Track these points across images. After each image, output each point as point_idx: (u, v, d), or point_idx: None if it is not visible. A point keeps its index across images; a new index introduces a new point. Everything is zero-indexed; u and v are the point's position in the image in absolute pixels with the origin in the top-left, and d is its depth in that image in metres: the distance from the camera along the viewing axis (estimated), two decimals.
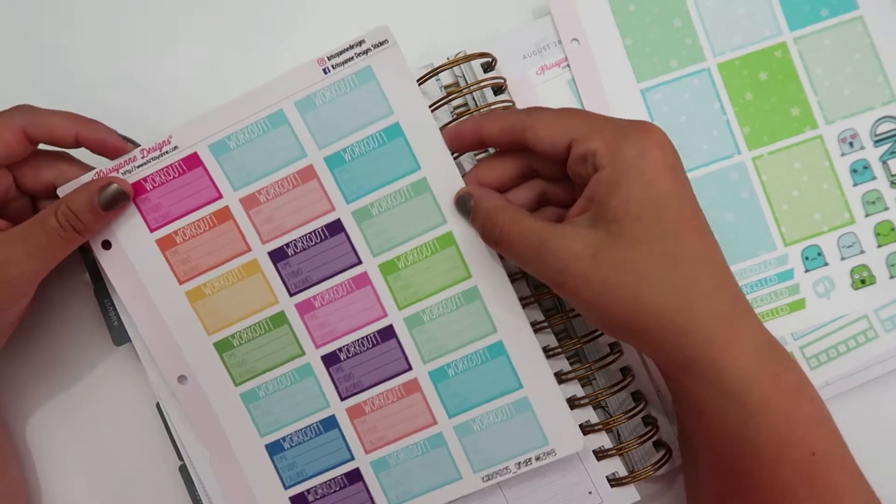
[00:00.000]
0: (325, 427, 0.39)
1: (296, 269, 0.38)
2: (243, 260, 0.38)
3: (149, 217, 0.37)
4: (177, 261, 0.38)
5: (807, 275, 0.41)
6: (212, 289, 0.38)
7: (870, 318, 0.41)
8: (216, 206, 0.37)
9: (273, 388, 0.38)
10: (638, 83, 0.42)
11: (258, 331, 0.38)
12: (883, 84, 0.42)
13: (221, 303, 0.38)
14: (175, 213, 0.37)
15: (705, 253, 0.32)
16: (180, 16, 0.44)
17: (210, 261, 0.38)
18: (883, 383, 0.41)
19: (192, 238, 0.37)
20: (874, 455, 0.41)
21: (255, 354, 0.38)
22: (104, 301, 0.40)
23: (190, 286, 0.38)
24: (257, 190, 0.37)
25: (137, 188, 0.37)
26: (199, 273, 0.38)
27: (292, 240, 0.37)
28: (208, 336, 0.38)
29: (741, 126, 0.42)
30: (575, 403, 0.39)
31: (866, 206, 0.42)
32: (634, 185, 0.32)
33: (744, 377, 0.31)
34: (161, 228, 0.37)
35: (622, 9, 0.42)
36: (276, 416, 0.39)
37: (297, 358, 0.38)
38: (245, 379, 0.38)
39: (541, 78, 0.41)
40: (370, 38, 0.35)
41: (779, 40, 0.42)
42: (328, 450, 0.39)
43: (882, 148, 0.42)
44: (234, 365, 0.38)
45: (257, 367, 0.38)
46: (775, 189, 0.41)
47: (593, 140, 0.33)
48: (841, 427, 0.41)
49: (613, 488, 0.39)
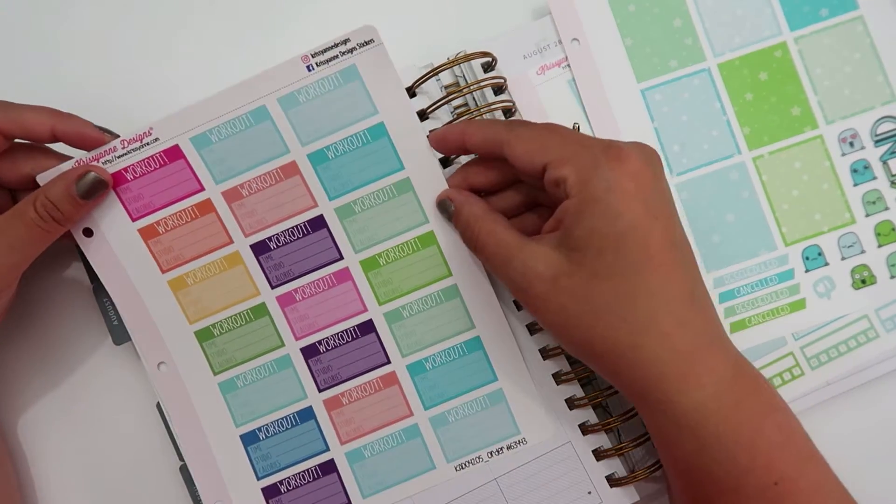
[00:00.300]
0: (301, 418, 0.39)
1: (277, 263, 0.38)
2: (225, 252, 0.38)
3: (130, 207, 0.38)
4: (159, 250, 0.38)
5: (807, 275, 0.41)
6: (194, 279, 0.38)
7: (870, 317, 0.41)
8: (198, 199, 0.37)
9: (251, 378, 0.39)
10: (638, 83, 0.42)
11: (239, 321, 0.38)
12: (883, 84, 0.42)
13: (203, 292, 0.38)
14: (157, 203, 0.37)
15: (667, 290, 0.32)
16: (174, 13, 0.44)
17: (192, 251, 0.38)
18: (883, 383, 0.41)
19: (174, 228, 0.38)
20: (874, 455, 0.41)
21: (235, 344, 0.39)
22: (103, 301, 0.40)
23: (172, 275, 0.38)
24: (240, 184, 0.37)
25: (118, 178, 0.37)
26: (182, 263, 0.38)
27: (274, 234, 0.38)
28: (189, 325, 0.38)
29: (741, 126, 0.42)
30: (575, 403, 0.39)
31: (867, 206, 0.42)
32: (599, 218, 0.32)
33: (699, 410, 0.31)
34: (143, 218, 0.38)
35: (622, 9, 0.42)
36: (252, 406, 0.39)
37: (276, 349, 0.39)
38: (224, 368, 0.39)
39: (541, 78, 0.41)
40: (356, 36, 0.36)
41: (779, 40, 0.42)
42: (303, 441, 0.39)
43: (882, 148, 0.42)
44: (213, 354, 0.39)
45: (237, 357, 0.39)
46: (775, 189, 0.41)
47: (564, 167, 0.33)
48: (841, 427, 0.41)
49: (613, 488, 0.39)
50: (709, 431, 0.31)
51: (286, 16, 0.44)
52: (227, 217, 0.38)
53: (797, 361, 0.41)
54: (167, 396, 0.39)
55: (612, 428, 0.39)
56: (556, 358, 0.39)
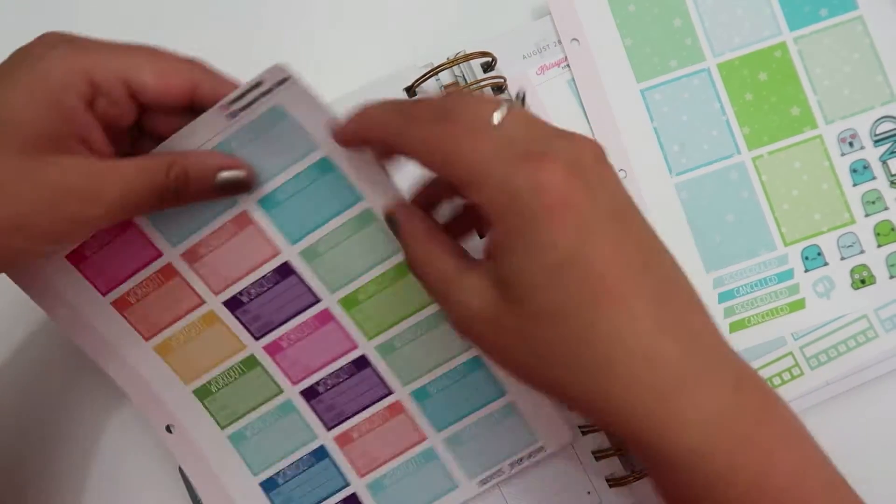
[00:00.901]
0: (316, 458, 0.39)
1: (255, 315, 0.37)
2: (200, 312, 0.37)
3: (97, 282, 0.36)
4: (136, 319, 0.37)
5: (807, 275, 0.41)
6: (178, 342, 0.37)
7: (870, 317, 0.41)
8: (159, 264, 0.36)
9: (259, 426, 0.38)
10: (638, 83, 0.42)
11: (233, 375, 0.38)
12: (883, 84, 0.42)
13: (191, 353, 0.37)
14: (121, 275, 0.36)
15: (625, 326, 0.26)
16: (177, 21, 0.44)
17: (168, 316, 0.37)
18: (883, 383, 0.41)
19: (144, 297, 0.36)
20: (874, 455, 0.41)
21: (235, 397, 0.38)
22: None
23: (156, 341, 0.37)
24: (196, 243, 0.36)
25: (77, 257, 0.36)
26: (162, 328, 0.37)
27: (244, 287, 0.36)
28: (186, 385, 0.38)
29: (741, 126, 0.42)
30: None
31: (866, 206, 0.42)
32: (525, 254, 0.26)
33: (692, 452, 0.26)
34: (112, 291, 0.36)
35: (622, 9, 0.42)
36: (266, 453, 0.39)
37: (276, 396, 0.38)
38: (230, 421, 0.38)
39: (541, 78, 0.41)
40: (268, 78, 0.32)
41: (778, 40, 0.42)
42: (323, 479, 0.39)
43: (882, 148, 0.42)
44: (216, 409, 0.38)
45: (239, 409, 0.38)
46: (775, 189, 0.41)
47: (477, 193, 0.27)
48: (841, 427, 0.41)
49: (612, 488, 0.39)
50: (706, 475, 0.26)
51: (288, 22, 0.44)
52: (193, 278, 0.36)
53: (797, 361, 0.41)
54: (182, 458, 0.39)
55: None
56: None
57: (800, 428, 0.29)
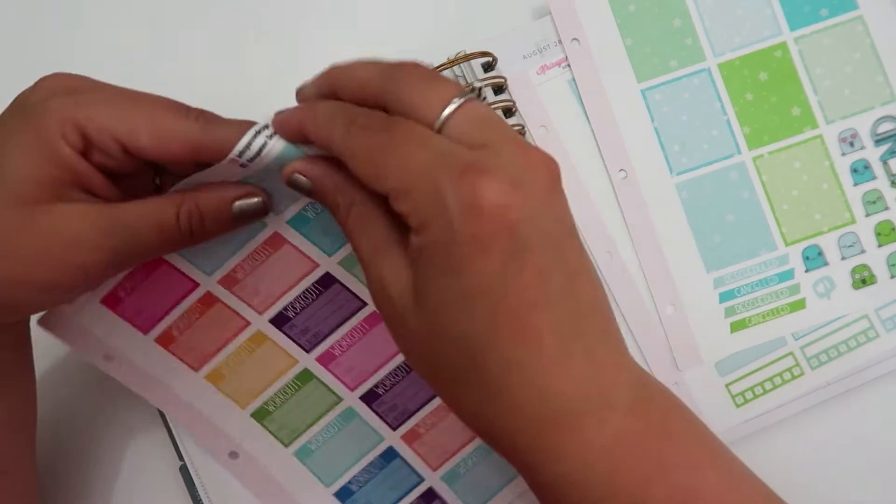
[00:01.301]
0: (386, 459, 0.38)
1: (303, 328, 0.37)
2: (247, 334, 0.37)
3: (136, 322, 0.36)
4: (183, 352, 0.37)
5: (807, 275, 0.41)
6: (228, 367, 0.37)
7: (870, 317, 0.41)
8: (198, 294, 0.36)
9: (323, 438, 0.38)
10: (638, 83, 0.42)
11: (289, 392, 0.38)
12: (883, 84, 0.42)
13: (244, 377, 0.37)
14: (160, 311, 0.36)
15: (519, 358, 0.25)
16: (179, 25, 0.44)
17: (215, 344, 0.37)
18: (883, 383, 0.41)
19: (188, 329, 0.36)
20: (874, 455, 0.41)
21: (294, 414, 0.38)
22: None
23: (206, 370, 0.37)
24: (232, 269, 0.35)
25: (112, 300, 0.35)
26: (210, 357, 0.37)
27: (288, 303, 0.36)
28: (243, 410, 0.38)
29: (741, 126, 0.42)
30: None
31: (867, 206, 0.42)
32: (439, 272, 0.25)
33: (565, 481, 0.26)
34: (154, 328, 0.36)
35: (622, 9, 0.42)
36: (335, 463, 0.39)
37: (336, 405, 0.38)
38: (293, 438, 0.38)
39: (541, 78, 0.41)
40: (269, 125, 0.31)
41: (779, 40, 0.42)
42: (397, 479, 0.39)
43: (882, 148, 0.42)
44: (277, 429, 0.38)
45: (301, 425, 0.38)
46: (775, 189, 0.41)
47: (403, 202, 0.26)
48: (841, 427, 0.41)
49: None
50: (585, 502, 0.26)
51: (288, 24, 0.44)
52: (234, 302, 0.36)
53: (797, 361, 0.41)
54: (250, 482, 0.38)
55: None
56: None
57: (704, 449, 0.28)
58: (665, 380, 0.40)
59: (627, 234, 0.41)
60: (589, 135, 0.41)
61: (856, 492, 0.41)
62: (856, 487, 0.41)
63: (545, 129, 0.41)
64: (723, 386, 0.41)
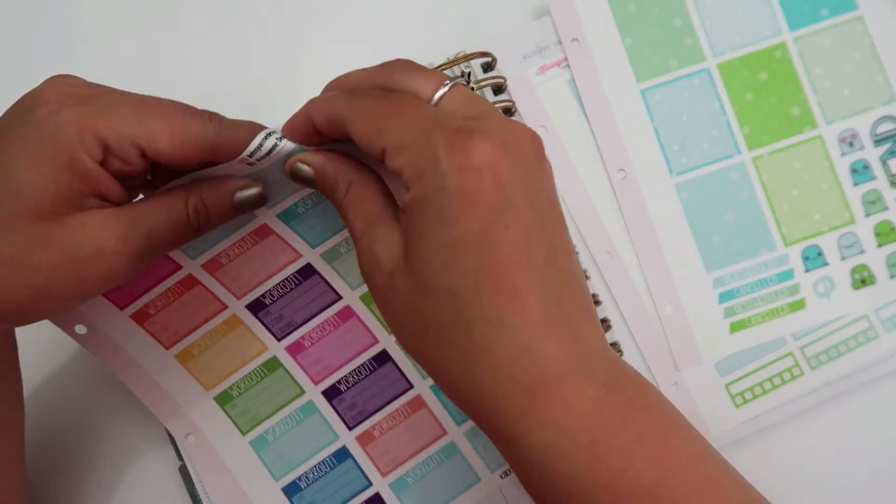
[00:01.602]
0: (338, 459, 0.39)
1: (277, 316, 0.37)
2: (223, 317, 0.37)
3: (114, 297, 0.36)
4: (156, 330, 0.37)
5: (807, 275, 0.41)
6: (199, 348, 0.38)
7: (870, 317, 0.41)
8: (179, 276, 0.36)
9: (280, 430, 0.39)
10: (638, 83, 0.42)
11: (255, 378, 0.38)
12: (883, 84, 0.42)
13: (212, 359, 0.38)
14: (139, 290, 0.36)
15: (510, 316, 0.26)
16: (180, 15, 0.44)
17: (190, 324, 0.37)
18: (883, 383, 0.41)
19: (164, 308, 0.37)
20: (874, 455, 0.41)
21: (256, 401, 0.38)
22: None
23: (177, 349, 0.37)
24: (216, 254, 0.36)
25: None
26: (183, 336, 0.37)
27: (267, 290, 0.37)
28: (207, 392, 0.38)
29: (741, 126, 0.42)
30: None
31: (866, 206, 0.42)
32: (429, 223, 0.26)
33: (547, 449, 0.26)
34: (131, 305, 0.36)
35: (622, 9, 0.42)
36: (287, 457, 0.39)
37: (298, 397, 0.38)
38: (251, 426, 0.39)
39: (541, 78, 0.41)
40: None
41: (778, 40, 0.42)
42: (345, 480, 0.39)
43: (882, 148, 0.42)
44: (237, 415, 0.38)
45: (261, 414, 0.38)
46: (775, 189, 0.41)
47: (399, 157, 0.27)
48: (841, 427, 0.41)
49: None
50: (562, 473, 0.26)
51: (287, 21, 0.44)
52: (214, 286, 0.37)
53: (797, 361, 0.41)
54: (201, 466, 0.39)
55: None
56: None
57: (675, 426, 0.28)
58: (665, 380, 0.40)
59: (627, 234, 0.41)
60: (588, 135, 0.41)
61: (856, 491, 0.41)
62: (856, 487, 0.41)
63: (545, 129, 0.41)
64: (722, 386, 0.41)
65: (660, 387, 0.41)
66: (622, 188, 0.41)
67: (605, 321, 0.40)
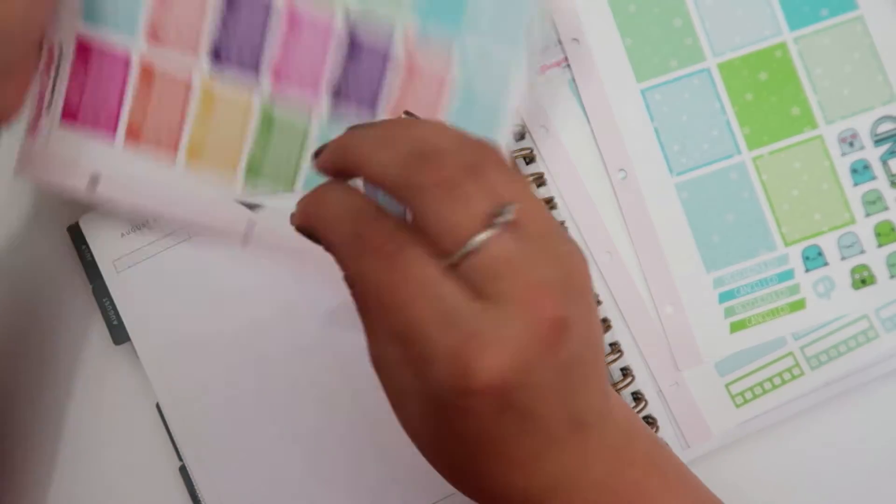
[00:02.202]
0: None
1: (238, 59, 0.36)
2: (197, 94, 0.36)
3: (100, 127, 0.35)
4: (153, 145, 0.36)
5: (807, 275, 0.41)
6: (198, 140, 0.36)
7: (870, 317, 0.41)
8: (135, 69, 0.35)
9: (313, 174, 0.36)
10: (638, 83, 0.42)
11: (263, 136, 0.36)
12: (883, 84, 0.42)
13: (216, 145, 0.36)
14: (114, 104, 0.35)
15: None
16: None
17: (175, 120, 0.36)
18: (883, 383, 0.41)
19: (145, 117, 0.36)
20: (874, 456, 0.41)
21: (279, 158, 0.36)
22: (103, 300, 0.40)
23: (182, 152, 0.36)
24: (149, 21, 0.35)
25: (68, 114, 0.35)
26: (177, 138, 0.36)
27: (210, 29, 0.35)
28: (234, 177, 0.36)
29: (741, 126, 0.42)
30: None
31: (866, 206, 0.42)
32: (426, 412, 0.25)
33: None
34: (117, 129, 0.35)
35: (622, 9, 0.42)
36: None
37: (308, 127, 0.36)
38: (291, 186, 0.37)
39: (541, 78, 0.41)
40: None
41: (778, 40, 0.42)
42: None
43: (882, 148, 0.42)
44: (273, 186, 0.37)
45: (290, 168, 0.37)
46: (775, 189, 0.41)
47: (399, 346, 0.24)
48: (841, 427, 0.41)
49: None
50: None
51: None
52: (168, 61, 0.35)
53: (797, 361, 0.41)
54: (277, 251, 0.37)
55: None
56: None
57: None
58: (665, 380, 0.41)
59: (627, 234, 0.41)
60: (588, 135, 0.41)
61: (856, 491, 0.41)
62: (856, 487, 0.41)
63: (545, 129, 0.41)
64: (722, 386, 0.41)
65: (660, 387, 0.41)
66: (622, 188, 0.41)
67: (605, 321, 0.40)
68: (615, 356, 0.39)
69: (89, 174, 0.35)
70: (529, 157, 0.41)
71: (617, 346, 0.40)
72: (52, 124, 0.35)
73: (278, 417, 0.39)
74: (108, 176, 0.36)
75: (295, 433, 0.39)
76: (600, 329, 0.26)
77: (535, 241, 0.23)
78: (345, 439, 0.39)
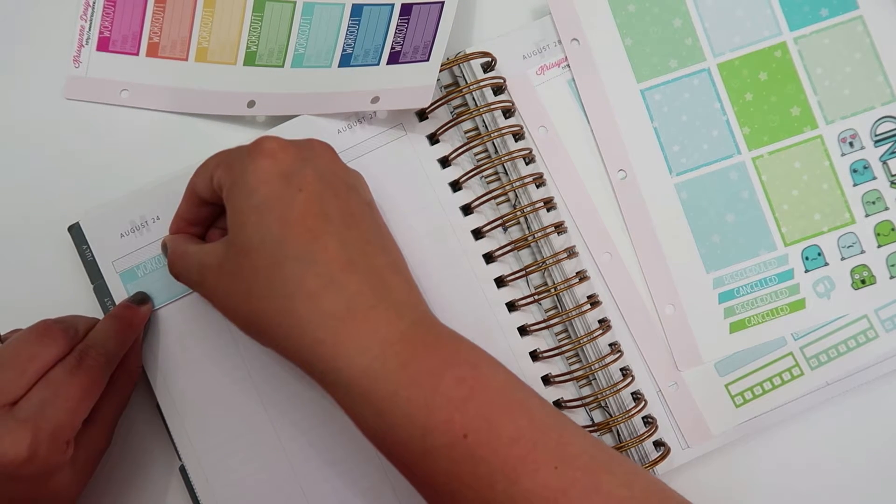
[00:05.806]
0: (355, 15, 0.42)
1: None
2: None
3: (127, 48, 0.42)
4: (169, 51, 0.42)
5: (807, 275, 0.41)
6: (204, 39, 0.42)
7: (870, 318, 0.41)
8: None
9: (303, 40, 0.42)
10: (638, 83, 0.42)
11: (256, 20, 0.42)
12: (883, 84, 0.42)
13: (219, 38, 0.42)
14: (136, 26, 0.42)
15: (314, 254, 0.32)
16: None
17: (185, 25, 0.42)
18: (883, 383, 0.41)
19: (160, 29, 0.42)
20: (874, 455, 0.41)
21: (271, 35, 0.42)
22: (104, 300, 0.40)
23: (192, 54, 0.42)
24: None
25: (103, 43, 0.42)
26: (188, 40, 0.42)
27: None
28: (234, 64, 0.42)
29: (741, 126, 0.42)
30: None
31: (866, 206, 0.42)
32: (237, 197, 0.33)
33: (366, 374, 0.31)
34: (140, 45, 0.42)
35: (622, 9, 0.42)
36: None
37: (294, 13, 0.42)
38: (283, 56, 0.42)
39: (541, 78, 0.41)
40: None
41: (778, 40, 0.42)
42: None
43: (882, 148, 0.42)
44: (268, 60, 0.42)
45: (282, 41, 0.42)
46: (775, 189, 0.41)
47: (217, 169, 0.35)
48: (841, 427, 0.41)
49: None
50: (381, 395, 0.31)
51: None
52: None
53: (797, 361, 0.41)
54: (287, 109, 0.42)
55: (611, 428, 0.39)
56: (555, 359, 0.39)
57: (486, 361, 0.33)
58: (665, 380, 0.41)
59: (627, 234, 0.41)
60: (588, 135, 0.41)
61: (856, 491, 0.41)
62: (856, 487, 0.41)
63: (545, 129, 0.41)
64: (722, 386, 0.41)
65: (659, 387, 0.41)
66: (622, 188, 0.41)
67: (605, 321, 0.40)
68: (615, 356, 0.39)
69: (120, 89, 0.42)
70: (529, 157, 0.41)
71: (617, 346, 0.40)
72: (90, 54, 0.43)
73: (277, 418, 0.40)
74: (135, 86, 0.42)
75: (294, 433, 0.39)
76: None
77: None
78: (343, 439, 0.39)
